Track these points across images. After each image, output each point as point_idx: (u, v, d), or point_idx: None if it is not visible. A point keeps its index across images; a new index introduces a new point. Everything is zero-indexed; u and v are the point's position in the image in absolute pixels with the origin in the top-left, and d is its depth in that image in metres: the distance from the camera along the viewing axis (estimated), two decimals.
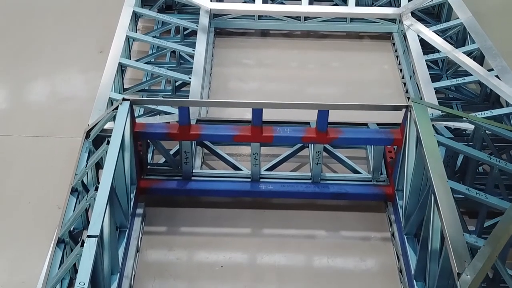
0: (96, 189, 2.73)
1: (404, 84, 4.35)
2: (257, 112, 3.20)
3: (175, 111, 3.68)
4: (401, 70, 4.48)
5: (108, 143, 2.97)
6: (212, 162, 3.73)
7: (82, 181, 3.01)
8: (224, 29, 4.84)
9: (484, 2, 5.19)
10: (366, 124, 3.67)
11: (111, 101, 3.64)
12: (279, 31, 4.87)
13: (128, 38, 4.14)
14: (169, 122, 3.52)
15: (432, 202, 2.72)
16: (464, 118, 3.22)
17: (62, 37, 4.82)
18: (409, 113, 3.17)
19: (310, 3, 4.73)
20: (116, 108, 3.15)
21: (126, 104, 3.15)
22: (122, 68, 3.97)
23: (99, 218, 2.61)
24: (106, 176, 2.78)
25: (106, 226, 2.68)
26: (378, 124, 3.63)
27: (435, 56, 4.22)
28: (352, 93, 4.36)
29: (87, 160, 3.14)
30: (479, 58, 4.13)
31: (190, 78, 3.95)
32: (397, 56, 4.61)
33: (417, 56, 4.20)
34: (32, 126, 3.98)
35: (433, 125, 3.13)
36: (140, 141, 3.33)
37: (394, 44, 4.72)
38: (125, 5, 4.37)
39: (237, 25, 4.80)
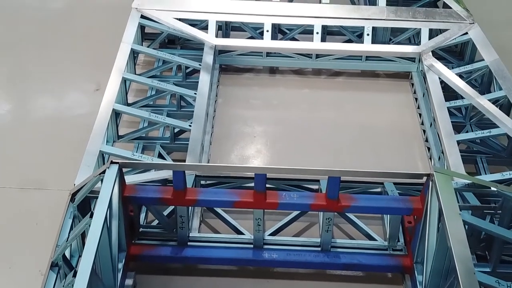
0: (75, 274, 2.41)
1: (424, 131, 4.00)
2: (260, 177, 2.87)
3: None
4: (420, 114, 4.13)
5: (91, 215, 2.65)
6: (212, 220, 3.41)
7: (64, 254, 2.69)
8: (230, 65, 4.52)
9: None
10: (381, 183, 3.35)
11: (101, 154, 3.34)
12: (289, 67, 4.54)
13: (124, 80, 3.82)
14: (166, 179, 3.22)
15: None
16: (492, 189, 2.87)
17: (55, 72, 4.51)
18: (430, 182, 2.82)
19: (323, 40, 4.39)
20: (103, 172, 2.83)
21: (114, 168, 2.82)
22: (116, 113, 3.65)
23: None
24: (87, 258, 2.45)
25: None
26: (395, 184, 3.31)
27: (458, 103, 3.87)
28: (366, 139, 4.01)
29: (71, 227, 2.84)
30: (506, 106, 3.79)
31: (190, 125, 3.63)
32: (416, 99, 4.26)
33: (438, 102, 3.85)
34: (17, 176, 3.67)
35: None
36: (131, 206, 3.02)
37: (413, 84, 4.37)
38: (122, 42, 4.05)
39: (244, 62, 4.47)
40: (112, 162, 2.84)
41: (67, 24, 4.98)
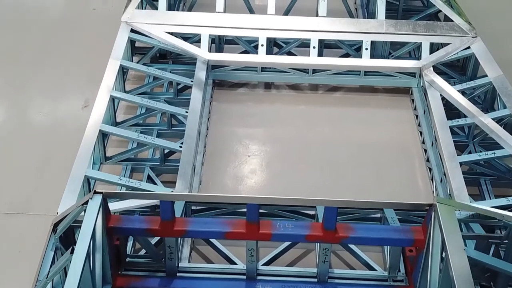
0: None
1: (425, 150, 3.84)
2: (253, 207, 2.71)
3: (165, 189, 3.24)
4: (421, 132, 3.97)
5: (72, 251, 2.49)
6: (203, 247, 3.25)
7: None
8: (223, 80, 4.36)
9: None
10: (381, 209, 3.19)
11: (87, 179, 3.17)
12: (285, 82, 4.38)
13: (112, 99, 3.66)
14: (155, 205, 3.07)
15: None
16: (498, 220, 2.71)
17: (42, 88, 4.35)
18: (433, 212, 2.66)
19: (320, 54, 4.22)
20: (86, 203, 2.67)
21: (98, 198, 2.66)
22: (104, 134, 3.49)
23: None
24: None
25: None
26: (396, 209, 3.15)
27: (460, 122, 3.71)
28: (366, 158, 3.85)
29: (53, 259, 2.68)
30: (511, 126, 3.63)
31: (181, 146, 3.47)
32: (417, 116, 4.10)
33: (440, 121, 3.70)
34: (1, 200, 3.51)
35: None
36: (116, 236, 2.85)
37: (413, 100, 4.21)
38: (111, 57, 3.89)
39: (238, 78, 4.31)
40: (95, 192, 2.68)
41: (56, 37, 4.82)
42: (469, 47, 4.12)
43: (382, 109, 4.24)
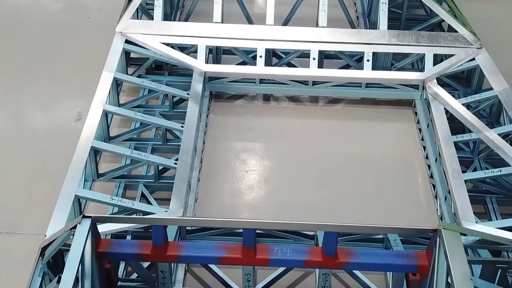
0: None
1: (429, 166, 3.72)
2: (249, 232, 2.58)
3: (159, 209, 3.12)
4: (424, 147, 3.85)
5: (59, 280, 2.37)
6: (198, 269, 3.12)
7: None
8: (221, 92, 4.24)
9: None
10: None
11: (77, 199, 3.06)
12: (284, 94, 4.26)
13: (105, 113, 3.54)
14: (148, 226, 2.95)
15: None
16: (507, 245, 2.59)
17: (35, 99, 4.24)
18: (438, 238, 2.54)
19: (320, 65, 4.10)
20: (75, 227, 2.55)
21: (87, 223, 2.54)
22: (96, 151, 3.37)
23: None
24: None
25: None
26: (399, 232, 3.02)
27: (465, 137, 3.59)
28: (367, 174, 3.73)
29: (41, 285, 2.55)
30: None
31: (176, 162, 3.35)
32: (420, 129, 3.97)
33: (444, 136, 3.57)
34: None
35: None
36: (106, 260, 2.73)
37: (416, 113, 4.09)
38: (104, 70, 3.77)
39: (236, 90, 4.19)
40: (84, 216, 2.56)
41: (49, 46, 4.70)
42: (474, 59, 4.01)
43: (384, 122, 4.12)
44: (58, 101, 4.23)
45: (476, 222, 3.07)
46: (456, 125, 3.77)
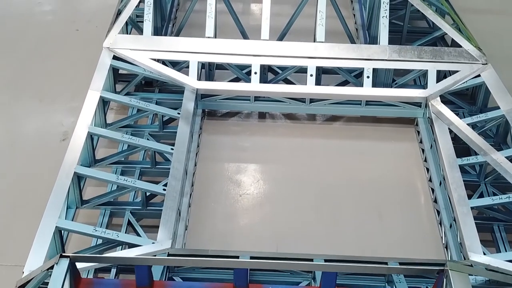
0: None
1: (432, 190, 3.52)
2: (241, 272, 2.39)
3: (145, 240, 2.93)
4: (427, 169, 3.66)
5: None
6: None
7: None
8: (214, 109, 4.05)
9: None
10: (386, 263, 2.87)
11: (58, 231, 2.86)
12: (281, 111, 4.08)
13: (90, 135, 3.35)
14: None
15: None
16: None
17: (19, 116, 4.05)
18: (444, 278, 2.34)
19: (317, 81, 3.91)
20: (52, 267, 2.35)
21: (65, 262, 2.34)
22: (79, 177, 3.17)
23: None
24: None
25: None
26: (401, 263, 2.82)
27: (471, 160, 3.40)
28: (368, 198, 3.54)
29: None
30: None
31: (165, 188, 3.16)
32: (423, 149, 3.78)
33: (448, 159, 3.38)
34: None
35: None
36: None
37: (418, 132, 3.89)
38: (90, 88, 3.58)
39: (230, 107, 3.99)
40: (62, 256, 2.36)
41: (35, 60, 4.50)
42: (479, 75, 3.81)
43: (385, 141, 3.93)
44: (43, 119, 4.04)
45: (484, 254, 2.88)
46: (461, 146, 3.58)
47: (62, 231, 2.90)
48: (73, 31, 4.79)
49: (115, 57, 3.83)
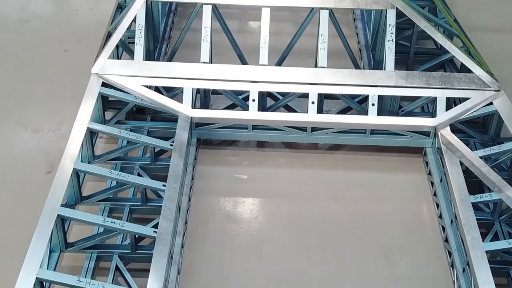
0: None
1: (443, 228, 3.29)
2: None
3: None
4: (437, 204, 3.43)
5: None
6: None
7: None
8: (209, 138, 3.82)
9: None
10: None
11: (39, 282, 2.63)
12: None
13: (76, 172, 3.12)
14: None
15: None
16: None
17: (3, 146, 3.81)
18: None
19: (319, 108, 3.68)
20: None
21: None
22: (63, 219, 2.94)
23: None
24: None
25: None
26: None
27: (485, 198, 3.17)
28: (374, 237, 3.31)
29: None
30: None
31: (155, 231, 2.93)
32: (432, 182, 3.55)
33: (460, 196, 3.16)
34: None
35: None
36: None
37: (427, 163, 3.67)
38: (77, 120, 3.35)
39: (226, 136, 3.77)
40: None
41: (20, 84, 4.26)
42: (491, 103, 3.58)
43: (391, 172, 3.70)
44: (28, 149, 3.79)
45: None
46: (473, 180, 3.36)
47: (44, 282, 2.67)
48: (61, 52, 4.54)
49: (104, 84, 3.60)
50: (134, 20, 3.76)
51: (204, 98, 3.82)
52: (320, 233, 3.35)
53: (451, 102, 3.69)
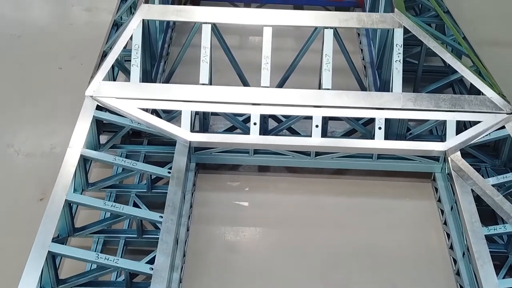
0: None
1: (455, 261, 3.14)
2: None
3: None
4: (448, 235, 3.27)
5: None
6: None
7: None
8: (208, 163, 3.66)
9: None
10: None
11: None
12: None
13: (69, 204, 2.96)
14: None
15: None
16: None
17: None
18: None
19: (324, 132, 3.53)
20: None
21: None
22: (53, 256, 2.78)
23: None
24: None
25: None
26: None
27: (498, 230, 3.02)
28: (381, 270, 3.15)
29: None
30: None
31: (152, 267, 2.77)
32: (442, 210, 3.39)
33: (473, 228, 3.00)
34: None
35: None
36: None
37: (437, 189, 3.51)
38: (69, 147, 3.19)
39: (226, 161, 3.61)
40: None
41: (12, 106, 4.09)
42: (503, 127, 3.43)
43: (399, 199, 3.55)
44: (19, 174, 3.63)
45: None
46: (484, 208, 3.20)
47: None
48: (55, 70, 4.38)
49: (99, 107, 3.45)
50: (131, 38, 3.61)
51: (203, 120, 3.66)
52: (325, 264, 3.20)
53: (461, 125, 3.53)
